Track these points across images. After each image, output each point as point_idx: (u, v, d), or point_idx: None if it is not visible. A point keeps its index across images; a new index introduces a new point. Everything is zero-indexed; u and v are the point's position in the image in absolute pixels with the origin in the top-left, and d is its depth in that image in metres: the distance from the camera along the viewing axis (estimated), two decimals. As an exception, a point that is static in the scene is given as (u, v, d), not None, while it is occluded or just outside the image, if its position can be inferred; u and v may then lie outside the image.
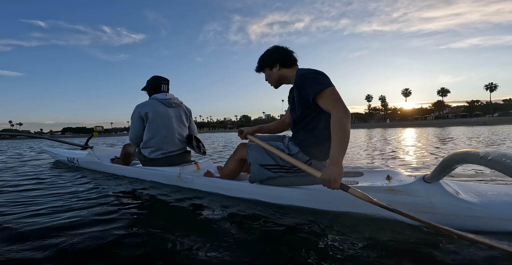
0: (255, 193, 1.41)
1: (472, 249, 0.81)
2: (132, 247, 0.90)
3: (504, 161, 0.65)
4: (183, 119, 2.09)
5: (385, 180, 1.27)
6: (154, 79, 2.05)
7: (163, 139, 1.92)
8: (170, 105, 1.99)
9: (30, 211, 1.31)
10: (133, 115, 1.93)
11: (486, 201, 0.96)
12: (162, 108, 1.95)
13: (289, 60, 1.31)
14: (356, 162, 2.98)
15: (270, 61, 1.33)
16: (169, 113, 1.97)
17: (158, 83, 2.04)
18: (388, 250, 0.82)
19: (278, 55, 1.32)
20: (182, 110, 2.10)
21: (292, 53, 1.33)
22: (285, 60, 1.31)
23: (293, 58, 1.32)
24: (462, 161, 0.80)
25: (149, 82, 2.07)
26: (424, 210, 1.00)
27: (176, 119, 2.01)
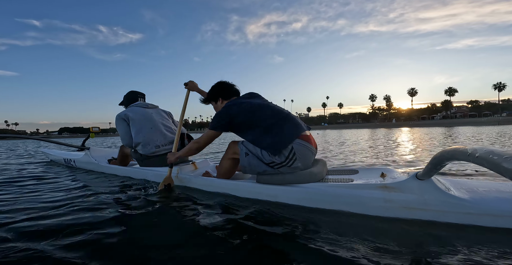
0: (253, 192, 1.45)
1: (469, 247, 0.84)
2: (129, 247, 0.93)
3: (491, 158, 0.68)
4: (163, 115, 2.28)
5: (379, 177, 1.31)
6: (131, 93, 2.32)
7: (149, 131, 2.06)
8: (146, 106, 2.23)
9: (26, 211, 1.34)
10: (117, 122, 2.12)
11: (477, 197, 1.00)
12: (140, 109, 2.17)
13: (229, 93, 1.63)
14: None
15: (214, 96, 1.65)
16: (147, 111, 2.18)
17: (135, 97, 2.30)
18: (383, 248, 0.85)
19: (219, 90, 1.64)
20: (159, 110, 2.31)
21: (232, 86, 1.65)
22: (225, 94, 1.62)
23: (233, 90, 1.64)
24: (451, 158, 0.84)
25: (126, 97, 2.32)
26: (417, 207, 1.04)
27: (156, 114, 2.21)
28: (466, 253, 0.80)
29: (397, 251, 0.83)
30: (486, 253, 0.80)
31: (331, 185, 1.27)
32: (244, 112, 1.43)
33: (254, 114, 1.42)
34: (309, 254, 0.83)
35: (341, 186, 1.23)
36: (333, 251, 0.83)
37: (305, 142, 1.38)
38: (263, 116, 1.41)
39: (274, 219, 1.15)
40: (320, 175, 1.40)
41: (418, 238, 0.92)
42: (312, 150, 1.42)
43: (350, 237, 0.93)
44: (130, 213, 1.31)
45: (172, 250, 0.89)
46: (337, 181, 1.36)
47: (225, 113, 1.47)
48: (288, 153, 1.33)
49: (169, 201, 1.49)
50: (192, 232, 1.05)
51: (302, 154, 1.35)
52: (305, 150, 1.36)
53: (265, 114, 1.42)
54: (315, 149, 1.45)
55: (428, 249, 0.84)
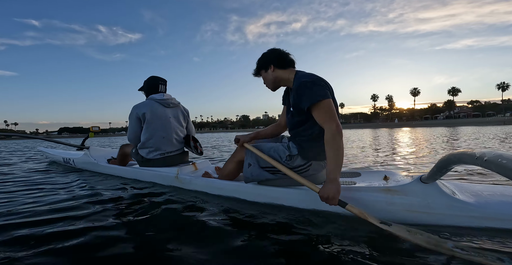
0: (253, 194, 1.44)
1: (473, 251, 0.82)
2: (128, 248, 0.93)
3: (500, 162, 0.67)
4: (180, 119, 2.13)
5: (382, 180, 1.31)
6: (152, 79, 2.09)
7: (160, 140, 1.96)
8: (168, 105, 2.04)
9: (23, 212, 1.34)
10: (131, 116, 1.98)
11: (482, 201, 0.99)
12: (160, 108, 1.99)
13: (284, 61, 1.33)
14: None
15: (265, 62, 1.36)
16: (167, 114, 2.01)
17: (156, 83, 2.08)
18: (385, 251, 0.85)
19: (272, 56, 1.34)
20: (179, 111, 2.14)
21: (288, 54, 1.35)
22: (279, 61, 1.33)
23: (288, 59, 1.34)
24: (458, 162, 0.83)
25: (146, 83, 2.11)
26: (420, 210, 1.03)
27: (174, 120, 2.05)
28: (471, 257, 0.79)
29: (400, 254, 0.82)
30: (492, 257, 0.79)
31: None
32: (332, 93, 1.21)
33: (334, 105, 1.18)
34: (311, 257, 0.83)
35: (344, 189, 1.22)
36: (335, 254, 0.83)
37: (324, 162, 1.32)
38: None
39: (275, 221, 1.15)
40: (322, 177, 1.39)
41: (454, 241, 0.90)
42: (324, 165, 1.35)
43: (352, 239, 0.93)
44: (129, 213, 1.31)
45: (171, 251, 0.89)
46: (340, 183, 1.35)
47: (321, 85, 1.18)
48: (304, 163, 1.29)
49: (169, 202, 1.49)
50: (191, 233, 1.05)
51: (315, 171, 1.30)
52: (320, 168, 1.32)
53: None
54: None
55: (431, 253, 0.83)
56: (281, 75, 1.34)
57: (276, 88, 1.43)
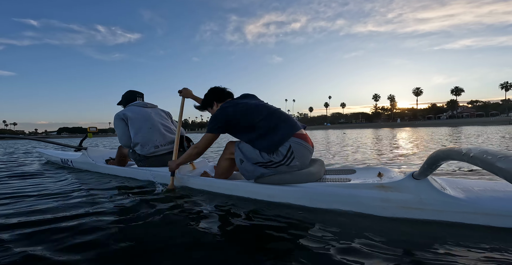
0: (251, 192, 1.47)
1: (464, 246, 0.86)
2: (126, 247, 0.94)
3: (485, 158, 0.70)
4: (162, 114, 2.29)
5: (376, 177, 1.33)
6: (129, 93, 2.33)
7: (148, 131, 2.07)
8: (145, 105, 2.24)
9: (20, 212, 1.36)
10: (115, 121, 2.13)
11: (473, 197, 1.02)
12: (139, 108, 2.18)
13: (222, 95, 1.68)
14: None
15: (209, 101, 1.70)
16: (146, 110, 2.19)
17: (134, 96, 2.31)
18: (379, 247, 0.86)
19: (212, 96, 1.69)
20: (158, 110, 2.32)
21: (224, 90, 1.70)
22: (219, 98, 1.67)
23: (225, 93, 1.69)
24: (447, 158, 0.86)
25: (124, 97, 2.33)
26: (413, 206, 1.06)
27: (155, 114, 2.22)
28: (462, 252, 0.82)
29: (393, 250, 0.84)
30: (481, 251, 0.82)
31: (329, 185, 1.29)
32: (240, 112, 1.46)
33: (250, 115, 1.44)
34: (306, 254, 0.85)
35: (339, 186, 1.25)
36: (330, 251, 0.85)
37: (302, 141, 1.40)
38: (260, 117, 1.44)
39: (272, 219, 1.17)
40: (318, 174, 1.42)
41: (415, 237, 0.94)
42: (309, 148, 1.44)
43: (347, 236, 0.95)
44: (128, 213, 1.32)
45: (169, 251, 0.91)
46: (335, 180, 1.38)
47: (221, 115, 1.49)
48: (286, 151, 1.35)
49: (167, 202, 1.51)
50: (190, 233, 1.07)
51: (300, 153, 1.37)
52: (303, 148, 1.39)
53: (261, 114, 1.45)
54: (312, 148, 1.47)
55: (424, 248, 0.85)
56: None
57: None
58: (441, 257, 0.79)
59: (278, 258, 0.84)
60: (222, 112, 1.49)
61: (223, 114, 1.49)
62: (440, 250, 0.83)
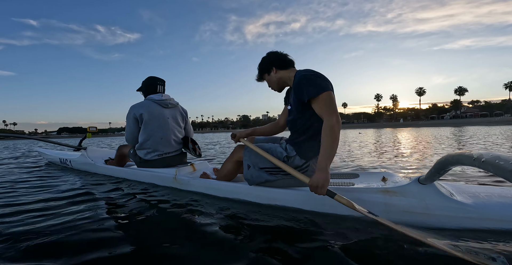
0: (251, 195, 1.45)
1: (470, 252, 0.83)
2: (125, 249, 0.94)
3: (497, 163, 0.68)
4: (179, 120, 2.14)
5: (380, 181, 1.31)
6: (150, 79, 2.10)
7: (158, 141, 1.97)
8: (166, 106, 2.05)
9: (19, 212, 1.36)
10: (128, 116, 1.99)
11: (479, 202, 1.00)
12: (158, 109, 2.00)
13: (284, 61, 1.39)
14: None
15: (266, 66, 1.42)
16: (164, 114, 2.03)
17: (154, 83, 2.09)
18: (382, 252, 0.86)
19: (272, 59, 1.41)
20: (178, 111, 2.15)
21: (286, 55, 1.41)
22: (280, 62, 1.39)
23: (288, 59, 1.40)
24: (456, 163, 0.84)
25: (144, 83, 2.12)
26: (418, 211, 1.04)
27: (172, 120, 2.06)
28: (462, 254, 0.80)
29: (397, 255, 0.83)
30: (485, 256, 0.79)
31: (332, 189, 1.26)
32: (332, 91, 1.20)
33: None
34: (308, 258, 0.84)
35: (342, 190, 1.23)
36: (332, 255, 0.84)
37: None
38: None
39: (273, 222, 1.16)
40: None
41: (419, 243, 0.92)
42: None
43: (350, 241, 0.94)
44: (126, 214, 1.32)
45: (168, 252, 0.91)
46: (338, 184, 1.36)
47: (322, 77, 1.22)
48: (302, 164, 1.30)
49: (166, 203, 1.50)
50: (190, 234, 1.06)
51: (313, 171, 1.31)
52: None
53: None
54: None
55: (428, 254, 0.84)
56: (284, 75, 1.40)
57: (281, 89, 1.48)
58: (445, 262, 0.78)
59: (279, 261, 0.83)
60: (322, 76, 1.22)
61: (325, 78, 1.22)
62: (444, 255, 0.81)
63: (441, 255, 0.81)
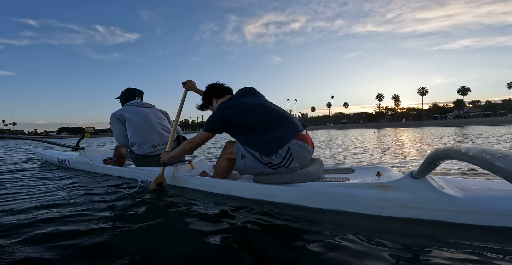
0: (249, 192, 1.48)
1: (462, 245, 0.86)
2: (123, 248, 0.94)
3: (484, 157, 0.71)
4: (159, 114, 2.29)
5: (375, 176, 1.34)
6: (128, 91, 2.32)
7: (145, 131, 2.09)
8: (143, 105, 2.24)
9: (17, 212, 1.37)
10: (111, 121, 2.14)
11: (470, 196, 1.03)
12: (136, 108, 2.19)
13: (220, 91, 1.66)
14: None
15: (208, 98, 1.68)
16: (143, 110, 2.20)
17: (133, 94, 2.31)
18: (377, 246, 0.87)
19: (211, 91, 1.67)
20: (156, 110, 2.32)
21: (222, 85, 1.69)
22: (218, 93, 1.66)
23: (223, 88, 1.67)
24: (445, 157, 0.87)
25: (123, 93, 2.32)
26: (412, 205, 1.06)
27: (152, 114, 2.23)
28: (460, 251, 0.82)
29: (392, 249, 0.85)
30: (480, 250, 0.82)
31: (328, 184, 1.29)
32: (238, 114, 1.44)
33: (248, 116, 1.43)
34: (305, 253, 0.86)
35: (338, 185, 1.26)
36: (329, 250, 0.86)
37: (302, 142, 1.40)
38: (258, 118, 1.42)
39: (271, 218, 1.18)
40: (317, 174, 1.42)
41: (413, 237, 0.94)
42: (309, 149, 1.44)
43: (346, 235, 0.96)
44: (124, 213, 1.34)
45: (168, 251, 0.92)
46: (334, 180, 1.39)
47: (219, 115, 1.48)
48: (284, 153, 1.35)
49: (166, 202, 1.52)
50: (189, 232, 1.08)
51: (299, 155, 1.37)
52: (302, 150, 1.39)
53: (260, 115, 1.43)
54: (311, 149, 1.47)
55: (422, 247, 0.86)
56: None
57: None
58: (439, 256, 0.80)
59: (276, 257, 0.85)
60: (219, 113, 1.48)
61: (220, 115, 1.47)
62: (438, 249, 0.84)
63: (439, 252, 0.83)
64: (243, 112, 1.44)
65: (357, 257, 0.81)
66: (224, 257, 0.86)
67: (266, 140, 1.37)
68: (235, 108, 1.46)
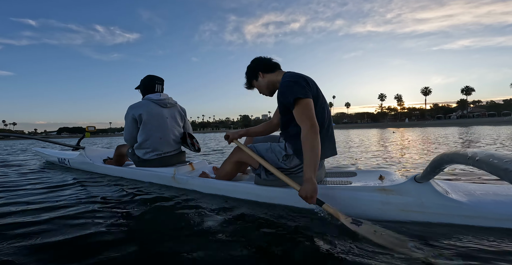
0: (250, 194, 1.47)
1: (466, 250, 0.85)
2: (123, 248, 0.94)
3: (491, 161, 0.69)
4: (177, 119, 2.17)
5: (377, 180, 1.33)
6: (148, 78, 2.12)
7: (157, 141, 2.00)
8: (165, 105, 2.07)
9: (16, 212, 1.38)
10: (127, 116, 2.01)
11: (475, 200, 1.02)
12: (156, 108, 2.02)
13: (269, 65, 1.44)
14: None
15: (253, 72, 1.47)
16: (163, 114, 2.05)
17: (153, 83, 2.11)
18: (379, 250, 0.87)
19: (257, 64, 1.46)
20: (176, 110, 2.18)
21: (270, 59, 1.46)
22: (265, 67, 1.43)
23: (272, 62, 1.44)
24: (451, 162, 0.86)
25: (143, 82, 2.14)
26: (415, 210, 1.06)
27: (170, 120, 2.09)
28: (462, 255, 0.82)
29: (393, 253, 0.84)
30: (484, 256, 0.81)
31: (330, 187, 1.28)
32: (317, 97, 1.25)
33: (322, 106, 1.26)
34: (306, 256, 0.86)
35: (340, 188, 1.25)
36: (330, 253, 0.86)
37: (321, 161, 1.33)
38: (323, 115, 1.28)
39: (272, 220, 1.18)
40: (319, 177, 1.41)
41: (415, 240, 0.93)
42: (320, 164, 1.38)
43: (347, 239, 0.96)
44: (124, 213, 1.34)
45: (166, 251, 0.92)
46: (335, 183, 1.38)
47: (302, 81, 1.22)
48: (300, 162, 1.31)
49: (166, 202, 1.52)
50: (189, 234, 1.08)
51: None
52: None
53: (325, 113, 1.29)
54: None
55: (424, 252, 0.85)
56: (271, 78, 1.43)
57: (272, 93, 1.50)
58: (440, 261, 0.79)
59: (278, 260, 0.85)
60: (302, 79, 1.24)
61: (304, 82, 1.23)
62: (440, 253, 0.83)
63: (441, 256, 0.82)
64: (319, 99, 1.25)
65: (359, 260, 0.81)
66: (223, 257, 0.86)
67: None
68: (313, 88, 1.25)
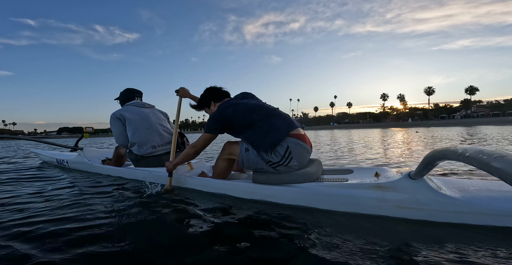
0: (248, 192, 1.50)
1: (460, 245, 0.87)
2: (123, 248, 0.94)
3: (480, 158, 0.72)
4: (159, 115, 2.31)
5: (373, 177, 1.35)
6: (128, 91, 2.34)
7: (146, 131, 2.11)
8: (143, 105, 2.26)
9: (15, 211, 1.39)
10: (111, 121, 2.15)
11: (468, 196, 1.04)
12: (136, 108, 2.21)
13: (219, 95, 1.71)
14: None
15: (206, 101, 1.73)
16: (144, 111, 2.22)
17: (132, 95, 2.32)
18: (376, 247, 0.88)
19: (209, 94, 1.72)
20: (157, 110, 2.34)
21: (220, 89, 1.74)
22: (216, 97, 1.70)
23: (222, 92, 1.73)
24: (443, 158, 0.88)
25: (122, 94, 2.34)
26: (409, 206, 1.08)
27: (153, 115, 2.24)
28: (457, 251, 0.84)
29: (390, 249, 0.86)
30: (477, 251, 0.83)
31: (326, 185, 1.31)
32: (240, 113, 1.50)
33: (250, 115, 1.48)
34: (304, 253, 0.87)
35: (336, 186, 1.27)
36: (327, 250, 0.87)
37: (301, 141, 1.43)
38: (258, 117, 1.48)
39: (270, 219, 1.20)
40: (316, 175, 1.44)
41: (410, 237, 0.96)
42: (308, 149, 1.46)
43: (344, 236, 0.97)
44: (124, 214, 1.34)
45: (167, 251, 0.93)
46: (332, 180, 1.40)
47: (220, 115, 1.53)
48: (284, 152, 1.38)
49: (165, 202, 1.53)
50: (188, 233, 1.09)
51: (298, 153, 1.40)
52: (301, 149, 1.41)
53: (260, 114, 1.49)
54: (310, 148, 1.49)
55: (420, 247, 0.87)
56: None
57: None
58: (436, 256, 0.81)
59: (275, 257, 0.86)
60: (221, 113, 1.53)
61: (222, 114, 1.52)
62: (435, 249, 0.85)
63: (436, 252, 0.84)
64: (245, 111, 1.50)
65: (355, 257, 0.82)
66: (222, 257, 0.87)
67: (265, 137, 1.42)
68: (236, 107, 1.52)
